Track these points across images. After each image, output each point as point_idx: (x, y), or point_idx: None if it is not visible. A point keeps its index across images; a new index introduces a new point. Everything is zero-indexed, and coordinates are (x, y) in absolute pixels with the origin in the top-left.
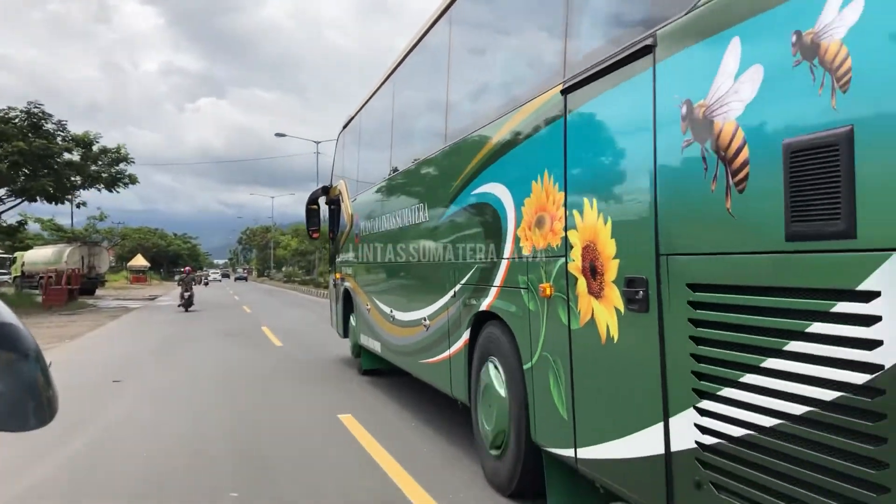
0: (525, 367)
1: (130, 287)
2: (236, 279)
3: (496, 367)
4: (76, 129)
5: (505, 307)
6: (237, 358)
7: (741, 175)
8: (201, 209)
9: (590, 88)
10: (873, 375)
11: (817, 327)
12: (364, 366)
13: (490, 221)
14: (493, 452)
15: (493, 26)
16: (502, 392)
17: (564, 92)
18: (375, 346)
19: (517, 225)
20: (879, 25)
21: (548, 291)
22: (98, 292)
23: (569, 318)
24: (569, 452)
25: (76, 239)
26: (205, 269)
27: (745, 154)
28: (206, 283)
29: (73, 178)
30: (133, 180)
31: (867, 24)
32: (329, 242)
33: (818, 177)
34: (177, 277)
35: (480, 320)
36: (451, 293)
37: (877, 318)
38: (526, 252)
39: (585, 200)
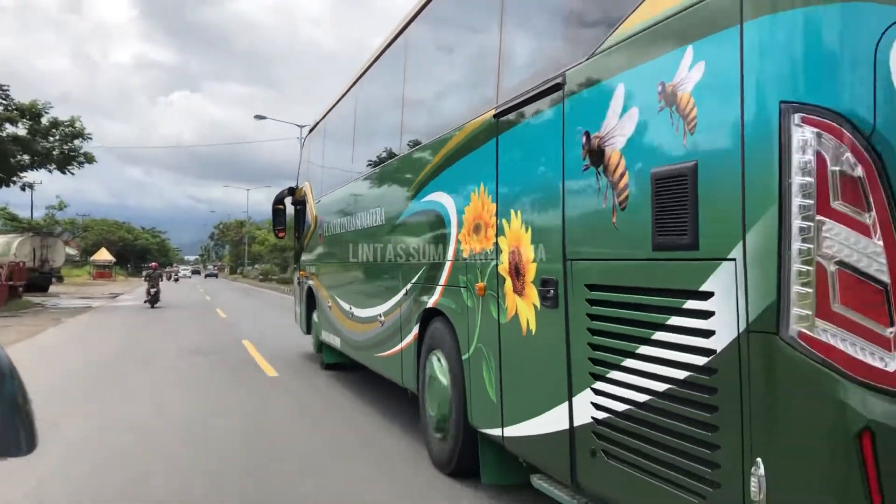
0: (463, 357)
1: (92, 284)
2: (206, 276)
3: (440, 359)
4: (47, 121)
5: (448, 304)
6: (214, 405)
7: (623, 196)
8: (172, 204)
9: (516, 114)
10: (709, 358)
11: (674, 320)
12: (326, 360)
13: (437, 226)
14: (437, 435)
15: (442, 52)
16: (445, 381)
17: (497, 115)
18: (336, 342)
19: (459, 230)
20: (713, 84)
21: (482, 290)
22: (53, 289)
23: (498, 313)
24: (497, 432)
25: (30, 229)
26: (175, 265)
27: (626, 178)
28: (177, 280)
29: (19, 156)
30: (90, 159)
31: (706, 81)
32: (295, 241)
33: (674, 200)
34: (144, 273)
35: (428, 316)
36: (404, 291)
37: (712, 313)
38: (465, 255)
39: (512, 211)
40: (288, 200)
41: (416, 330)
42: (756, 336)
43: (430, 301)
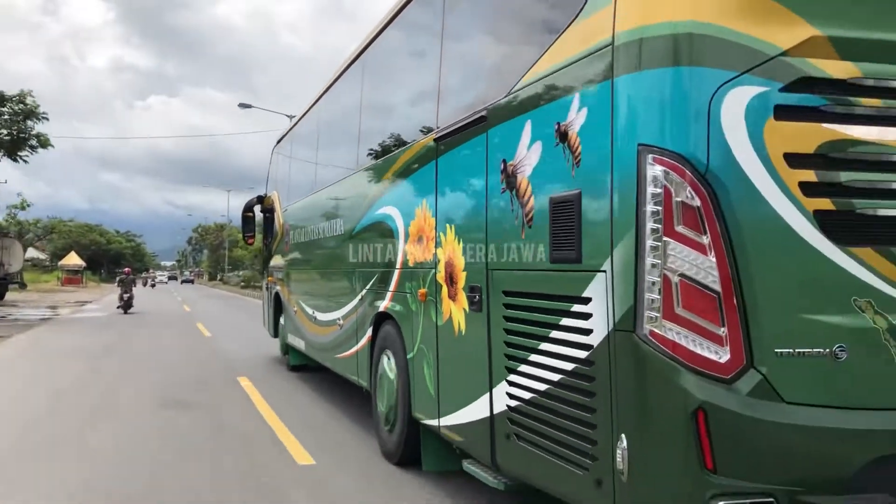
0: (408, 356)
1: (60, 290)
2: (182, 282)
3: (389, 358)
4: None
5: (396, 308)
6: None
7: (530, 216)
8: (149, 209)
9: (451, 140)
10: (588, 352)
11: (564, 321)
12: (291, 362)
13: (387, 237)
14: (386, 428)
15: (392, 79)
16: (393, 378)
17: (436, 140)
18: (300, 345)
19: (406, 241)
20: (593, 126)
21: (423, 296)
22: (12, 296)
23: (436, 317)
24: (435, 422)
25: None
26: (151, 270)
27: (532, 202)
28: (153, 285)
29: None
30: (45, 143)
31: (588, 124)
32: (263, 248)
33: (564, 222)
34: (117, 279)
35: (380, 320)
36: (360, 297)
37: (590, 315)
38: (411, 264)
39: (448, 225)
40: (257, 208)
41: (370, 332)
42: (620, 334)
43: (382, 305)
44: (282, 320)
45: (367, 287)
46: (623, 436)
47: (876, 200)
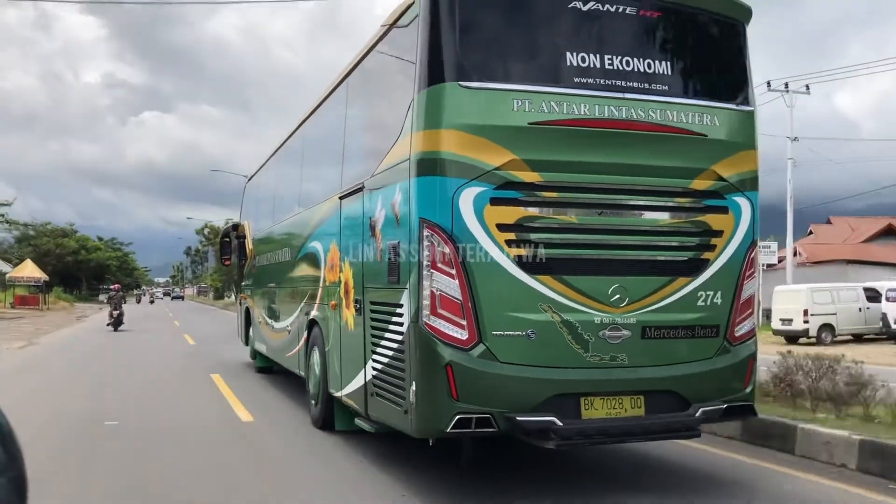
0: (326, 349)
1: (4, 316)
2: (173, 298)
3: (316, 352)
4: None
5: (320, 315)
6: None
7: (380, 254)
8: (142, 226)
9: (347, 199)
10: (401, 336)
11: (393, 318)
12: (258, 364)
13: (315, 264)
14: (313, 402)
15: (320, 148)
16: (317, 367)
17: (341, 197)
18: (263, 349)
19: (325, 267)
20: (404, 204)
21: (334, 306)
22: None
23: (340, 320)
24: (339, 393)
25: None
26: (144, 287)
27: (381, 244)
28: (152, 301)
29: None
30: None
31: (401, 201)
32: (237, 269)
33: (393, 258)
34: (103, 296)
35: (311, 325)
36: (300, 308)
37: (402, 314)
38: (328, 283)
39: (346, 257)
40: (233, 235)
41: (306, 335)
42: (413, 324)
43: (312, 314)
44: (251, 331)
45: (304, 301)
46: (413, 382)
47: (549, 250)
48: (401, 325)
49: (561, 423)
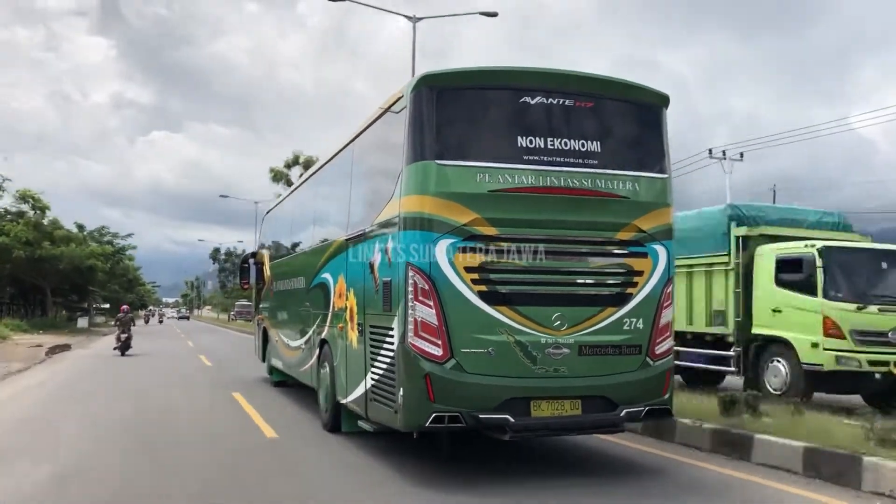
0: (334, 364)
1: None
2: (179, 318)
3: (326, 368)
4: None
5: (329, 335)
6: None
7: (377, 287)
8: (151, 247)
9: (352, 241)
10: (392, 352)
11: (386, 339)
12: (274, 378)
13: (326, 292)
14: (324, 410)
15: (329, 196)
16: (327, 380)
17: (346, 240)
18: (280, 365)
19: (334, 295)
20: (395, 250)
21: (341, 328)
22: None
23: (346, 339)
24: (345, 400)
25: None
26: (151, 307)
27: (377, 280)
28: (161, 321)
29: None
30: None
31: (393, 248)
32: (255, 293)
33: (386, 292)
34: (83, 321)
35: (322, 343)
36: (313, 329)
37: (393, 336)
38: (336, 309)
39: (351, 288)
40: (251, 261)
41: (317, 352)
42: (400, 344)
43: (323, 334)
44: (268, 349)
45: (316, 323)
46: (401, 388)
47: (505, 286)
48: (392, 344)
49: (514, 420)
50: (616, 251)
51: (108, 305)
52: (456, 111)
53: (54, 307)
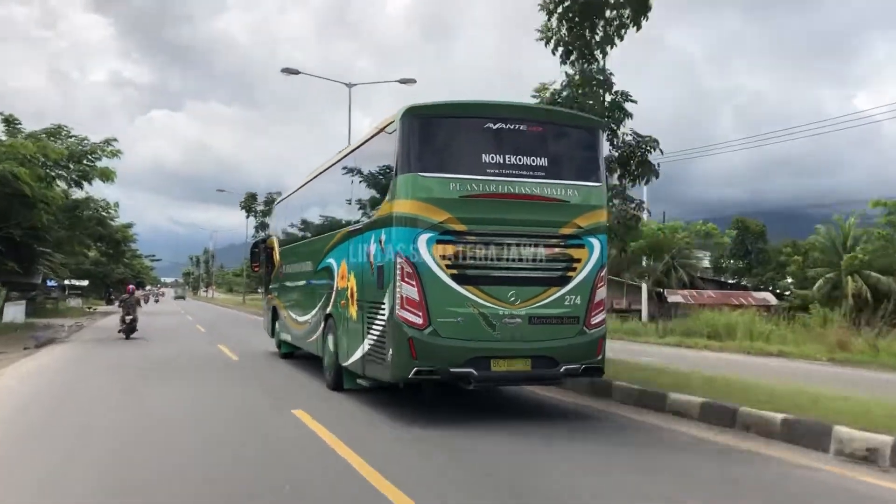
0: (338, 334)
1: None
2: (175, 297)
3: (331, 337)
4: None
5: (334, 310)
6: None
7: (373, 271)
8: (151, 227)
9: (353, 232)
10: (384, 323)
11: (379, 312)
12: (282, 351)
13: (330, 275)
14: (328, 372)
15: (334, 192)
16: (331, 347)
17: (349, 232)
18: (288, 338)
19: (338, 277)
20: (386, 242)
21: (343, 304)
22: None
23: (347, 313)
24: (346, 363)
25: None
26: (148, 287)
27: (373, 265)
28: (157, 300)
29: None
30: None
31: (385, 240)
32: (265, 275)
33: (379, 274)
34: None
35: (327, 317)
36: (319, 306)
37: (384, 309)
38: (339, 288)
39: (352, 271)
40: (262, 246)
41: (323, 324)
42: (390, 315)
43: (328, 309)
44: (277, 325)
45: (322, 300)
46: (390, 349)
47: (472, 270)
48: (384, 315)
49: (477, 374)
50: (559, 243)
51: (86, 283)
52: (435, 135)
53: (17, 272)
